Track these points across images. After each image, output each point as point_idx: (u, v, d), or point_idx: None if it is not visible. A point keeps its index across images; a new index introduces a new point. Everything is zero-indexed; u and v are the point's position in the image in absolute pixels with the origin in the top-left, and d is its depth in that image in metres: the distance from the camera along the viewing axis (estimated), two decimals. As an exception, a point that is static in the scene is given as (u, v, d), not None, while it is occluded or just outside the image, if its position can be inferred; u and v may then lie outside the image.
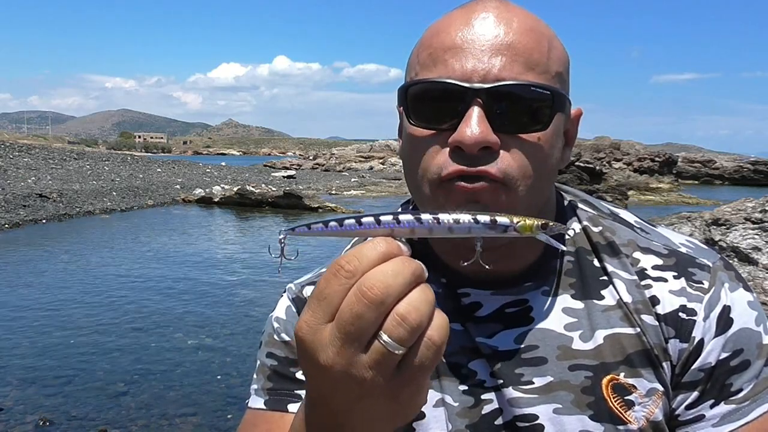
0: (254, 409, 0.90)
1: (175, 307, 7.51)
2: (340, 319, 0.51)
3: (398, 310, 0.50)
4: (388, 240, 0.53)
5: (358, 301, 0.50)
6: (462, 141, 0.69)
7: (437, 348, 0.51)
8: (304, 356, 0.54)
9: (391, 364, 0.51)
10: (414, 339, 0.50)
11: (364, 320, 0.50)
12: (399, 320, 0.50)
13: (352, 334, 0.50)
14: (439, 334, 0.51)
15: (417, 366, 0.51)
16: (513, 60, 0.71)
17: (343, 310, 0.50)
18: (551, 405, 0.78)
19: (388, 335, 0.50)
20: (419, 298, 0.51)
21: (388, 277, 0.50)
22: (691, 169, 40.54)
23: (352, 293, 0.50)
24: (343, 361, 0.51)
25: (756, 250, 3.99)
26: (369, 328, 0.50)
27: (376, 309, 0.49)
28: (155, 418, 4.46)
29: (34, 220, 14.19)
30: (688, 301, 0.78)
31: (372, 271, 0.50)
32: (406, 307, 0.50)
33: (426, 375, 0.53)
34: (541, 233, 0.58)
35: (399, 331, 0.49)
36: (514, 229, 0.56)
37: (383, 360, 0.50)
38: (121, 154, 38.76)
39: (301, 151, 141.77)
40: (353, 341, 0.50)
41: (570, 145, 0.82)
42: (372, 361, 0.50)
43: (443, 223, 0.55)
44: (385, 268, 0.50)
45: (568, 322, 0.80)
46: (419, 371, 0.51)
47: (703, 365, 0.77)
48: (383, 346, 0.50)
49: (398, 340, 0.50)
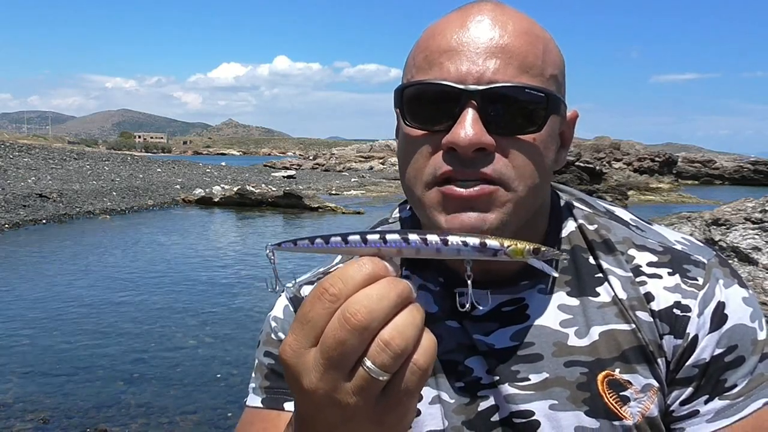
0: (252, 408, 0.90)
1: (175, 306, 7.51)
2: (324, 344, 0.50)
3: (382, 336, 0.49)
4: (374, 260, 0.51)
5: (342, 327, 0.49)
6: (456, 142, 0.70)
7: (422, 372, 0.50)
8: (289, 378, 0.54)
9: (375, 390, 0.50)
10: (398, 365, 0.50)
11: (347, 346, 0.49)
12: (383, 346, 0.49)
13: (335, 359, 0.49)
14: (425, 358, 0.50)
15: (402, 391, 0.50)
16: (507, 62, 0.72)
17: (327, 335, 0.50)
18: (547, 401, 0.78)
19: (372, 361, 0.49)
20: (405, 322, 0.50)
21: (372, 302, 0.49)
22: (691, 169, 40.50)
23: (335, 318, 0.49)
24: (327, 386, 0.50)
25: (756, 250, 3.99)
26: (352, 354, 0.49)
27: (360, 335, 0.49)
28: (155, 416, 4.47)
29: (34, 221, 14.18)
30: (683, 297, 0.78)
31: (356, 296, 0.49)
32: (391, 333, 0.49)
33: (412, 399, 0.52)
34: (532, 258, 0.57)
35: (383, 357, 0.49)
36: (504, 253, 0.55)
37: (367, 386, 0.50)
38: (121, 154, 38.74)
39: (301, 151, 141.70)
40: (336, 367, 0.50)
41: (566, 147, 0.83)
42: (355, 387, 0.50)
43: (431, 244, 0.54)
44: (370, 292, 0.49)
45: (563, 319, 0.81)
46: (405, 396, 0.51)
47: (697, 361, 0.77)
48: (367, 372, 0.49)
49: (382, 367, 0.49)
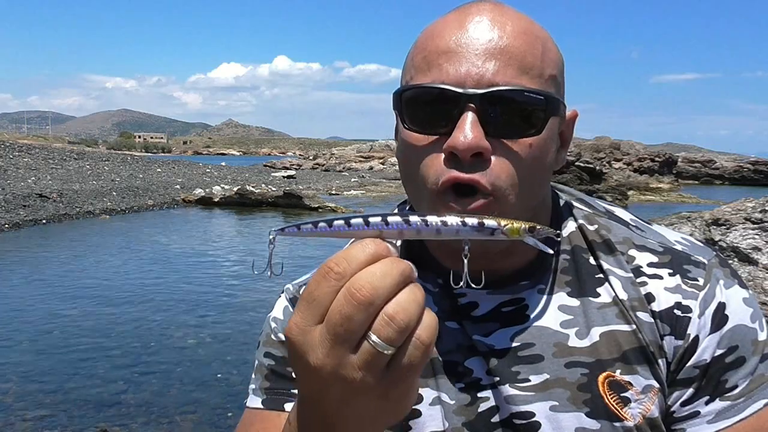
0: (252, 409, 0.90)
1: (175, 306, 7.52)
2: (330, 320, 0.51)
3: (387, 311, 0.51)
4: (377, 241, 0.53)
5: (347, 303, 0.50)
6: (455, 147, 0.70)
7: (426, 347, 0.52)
8: (295, 357, 0.55)
9: (380, 364, 0.51)
10: (403, 339, 0.51)
11: (353, 321, 0.50)
12: (387, 320, 0.50)
13: (342, 335, 0.51)
14: (427, 333, 0.52)
15: (406, 365, 0.52)
16: (507, 64, 0.72)
17: (333, 311, 0.51)
18: (548, 402, 0.78)
19: (377, 335, 0.50)
20: (407, 299, 0.51)
21: (376, 279, 0.51)
22: (691, 169, 40.52)
23: (341, 295, 0.51)
24: (333, 362, 0.52)
25: (756, 250, 3.99)
26: (358, 329, 0.51)
27: (365, 310, 0.50)
28: (155, 416, 4.47)
29: (34, 221, 14.19)
30: (683, 298, 0.78)
31: (360, 273, 0.51)
32: (395, 308, 0.51)
33: (415, 374, 0.53)
34: (529, 236, 0.58)
35: (387, 331, 0.50)
36: (501, 232, 0.57)
37: (372, 360, 0.51)
38: (121, 154, 38.76)
39: (301, 151, 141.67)
40: (343, 342, 0.51)
41: (565, 147, 0.83)
42: (361, 362, 0.51)
43: (431, 225, 0.55)
44: (374, 270, 0.51)
45: (564, 320, 0.80)
46: (408, 370, 0.52)
47: (698, 362, 0.77)
48: (372, 346, 0.51)
49: (387, 340, 0.50)
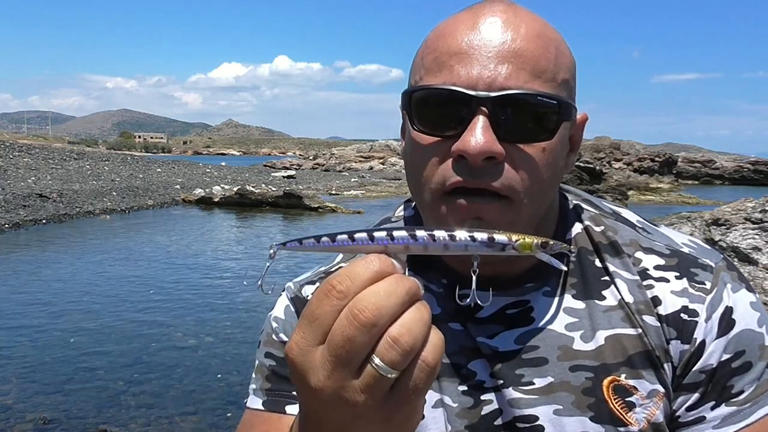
0: (252, 410, 0.89)
1: (175, 306, 7.51)
2: (331, 341, 0.49)
3: (391, 333, 0.48)
4: (382, 258, 0.51)
5: (350, 324, 0.48)
6: (466, 150, 0.68)
7: (431, 369, 0.50)
8: (295, 377, 0.53)
9: (383, 388, 0.49)
10: (407, 362, 0.49)
11: (355, 343, 0.48)
12: (391, 343, 0.48)
13: (344, 357, 0.49)
14: (433, 355, 0.50)
15: (411, 389, 0.50)
16: (520, 68, 0.70)
17: (335, 332, 0.49)
18: (552, 406, 0.77)
19: (381, 359, 0.48)
20: (413, 319, 0.49)
21: (380, 299, 0.48)
22: (691, 169, 40.53)
23: (343, 315, 0.49)
24: (335, 384, 0.50)
25: (756, 250, 3.99)
26: (361, 351, 0.49)
27: (368, 332, 0.48)
28: (155, 417, 4.46)
29: (34, 220, 14.17)
30: (690, 301, 0.77)
31: (364, 292, 0.49)
32: (399, 330, 0.48)
33: (420, 397, 0.51)
34: (541, 252, 0.57)
35: (391, 354, 0.48)
36: (512, 248, 0.55)
37: (375, 384, 0.49)
38: (121, 154, 38.78)
39: (301, 151, 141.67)
40: (344, 365, 0.49)
41: (574, 151, 0.81)
42: (364, 385, 0.49)
43: (438, 239, 0.53)
44: (378, 289, 0.49)
45: (569, 323, 0.80)
46: (413, 393, 0.50)
47: (704, 367, 0.76)
48: (375, 369, 0.49)
49: (390, 364, 0.48)
